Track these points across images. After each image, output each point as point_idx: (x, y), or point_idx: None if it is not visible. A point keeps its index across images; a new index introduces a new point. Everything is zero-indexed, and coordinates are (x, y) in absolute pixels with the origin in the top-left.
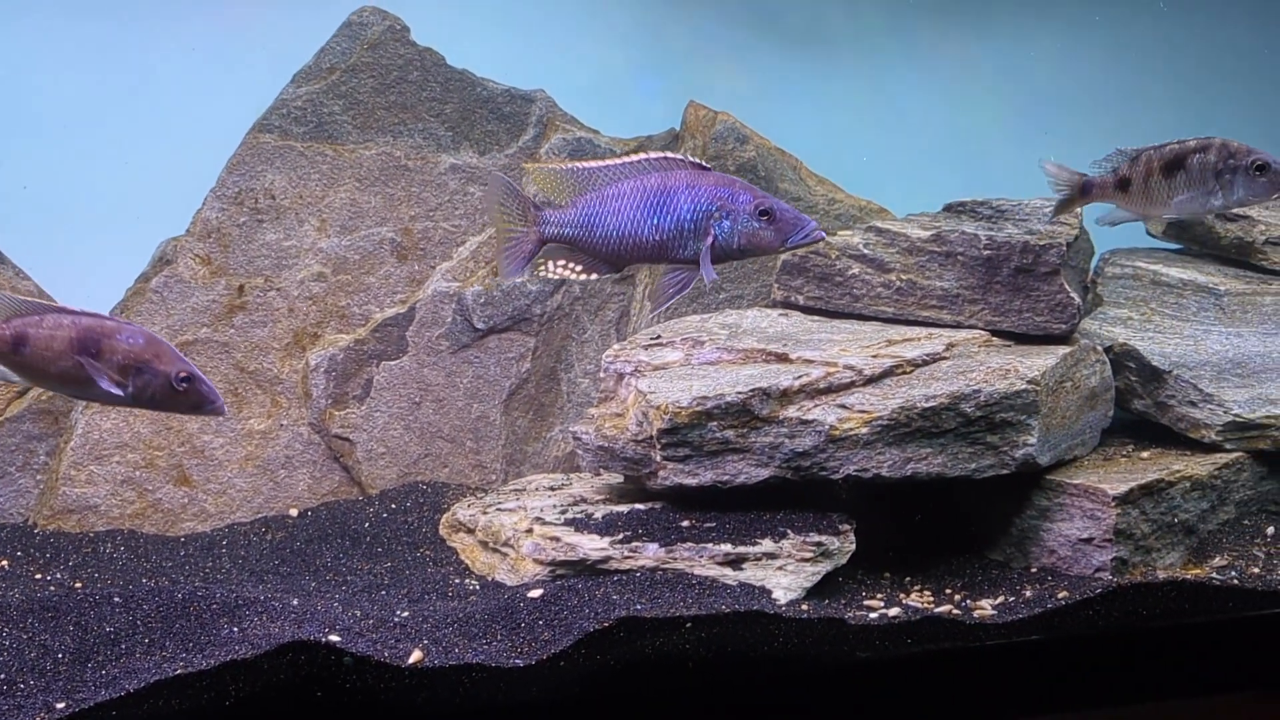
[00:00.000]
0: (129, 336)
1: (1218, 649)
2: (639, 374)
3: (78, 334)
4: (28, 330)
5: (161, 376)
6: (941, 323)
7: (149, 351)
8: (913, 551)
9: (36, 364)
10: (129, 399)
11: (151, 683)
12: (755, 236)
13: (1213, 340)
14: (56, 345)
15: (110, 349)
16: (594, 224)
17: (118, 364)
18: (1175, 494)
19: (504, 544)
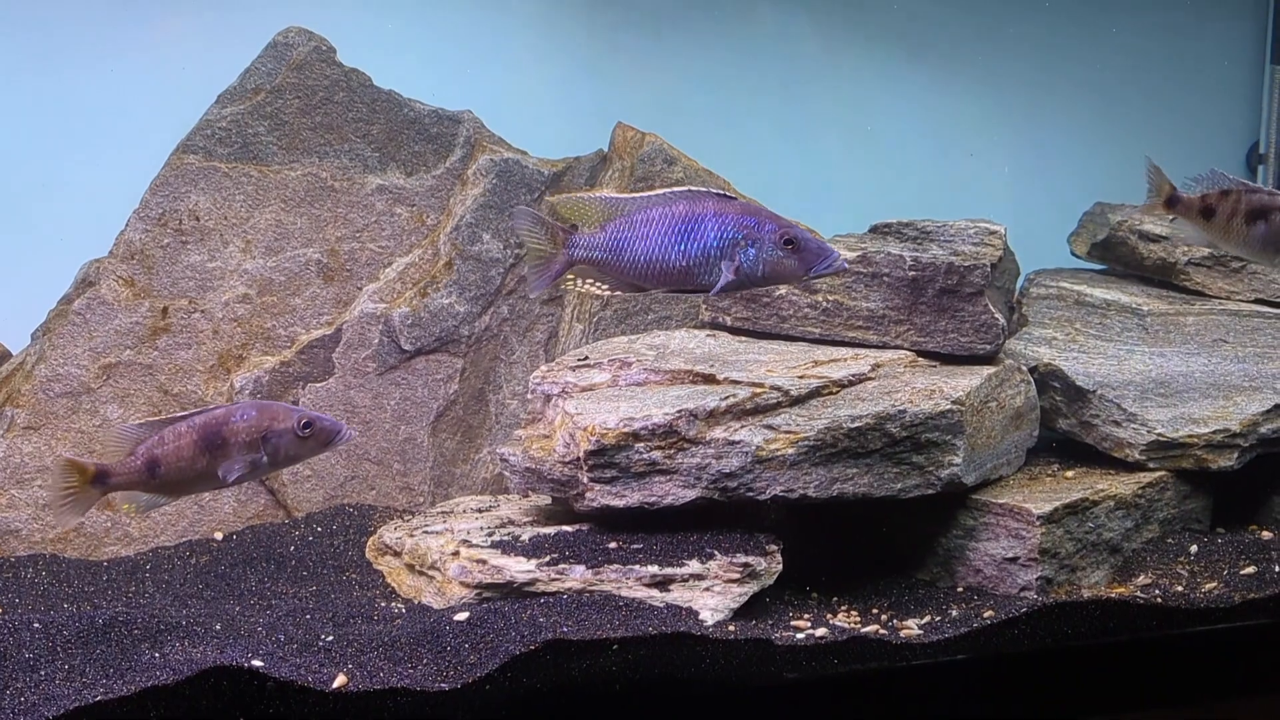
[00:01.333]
0: (242, 415)
1: (1142, 667)
2: (566, 395)
3: (199, 436)
4: (155, 453)
5: (286, 435)
6: (868, 343)
7: (264, 419)
8: (840, 572)
9: (173, 479)
10: (269, 467)
11: (70, 709)
12: (779, 265)
13: (1136, 360)
14: (185, 455)
15: (233, 434)
16: (622, 248)
17: (244, 444)
18: (1099, 513)
19: (430, 567)
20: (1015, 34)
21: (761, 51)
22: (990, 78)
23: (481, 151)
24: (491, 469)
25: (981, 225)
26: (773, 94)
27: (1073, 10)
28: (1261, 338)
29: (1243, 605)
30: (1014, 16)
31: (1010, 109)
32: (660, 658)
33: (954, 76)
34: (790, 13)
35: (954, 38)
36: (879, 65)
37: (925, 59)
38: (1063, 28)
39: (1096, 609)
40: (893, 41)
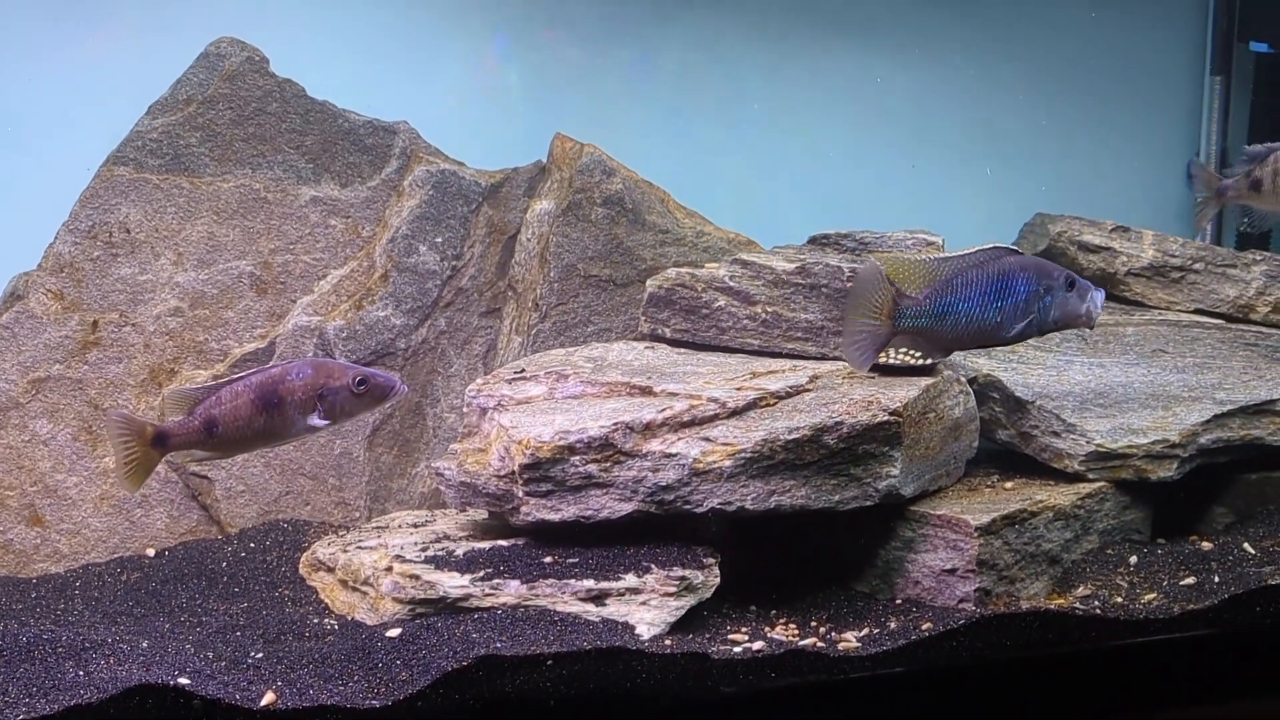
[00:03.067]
0: (298, 373)
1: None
2: (502, 408)
3: (256, 395)
4: (212, 412)
5: (343, 392)
6: (806, 355)
7: (320, 377)
8: (779, 584)
9: (232, 437)
10: (326, 425)
11: None
12: (1067, 306)
13: (1075, 371)
14: (243, 414)
15: (289, 392)
16: (946, 312)
17: (301, 401)
18: (1038, 524)
19: (364, 583)
20: (957, 45)
21: (701, 61)
22: (932, 89)
23: (417, 162)
24: (429, 483)
25: (919, 235)
26: (712, 104)
27: (1014, 22)
28: (1201, 348)
29: (1182, 616)
30: (955, 28)
31: (951, 120)
32: (595, 673)
33: (895, 87)
34: (729, 23)
35: (895, 50)
36: (819, 76)
37: (867, 71)
38: (1005, 39)
39: (1035, 620)
40: (834, 53)
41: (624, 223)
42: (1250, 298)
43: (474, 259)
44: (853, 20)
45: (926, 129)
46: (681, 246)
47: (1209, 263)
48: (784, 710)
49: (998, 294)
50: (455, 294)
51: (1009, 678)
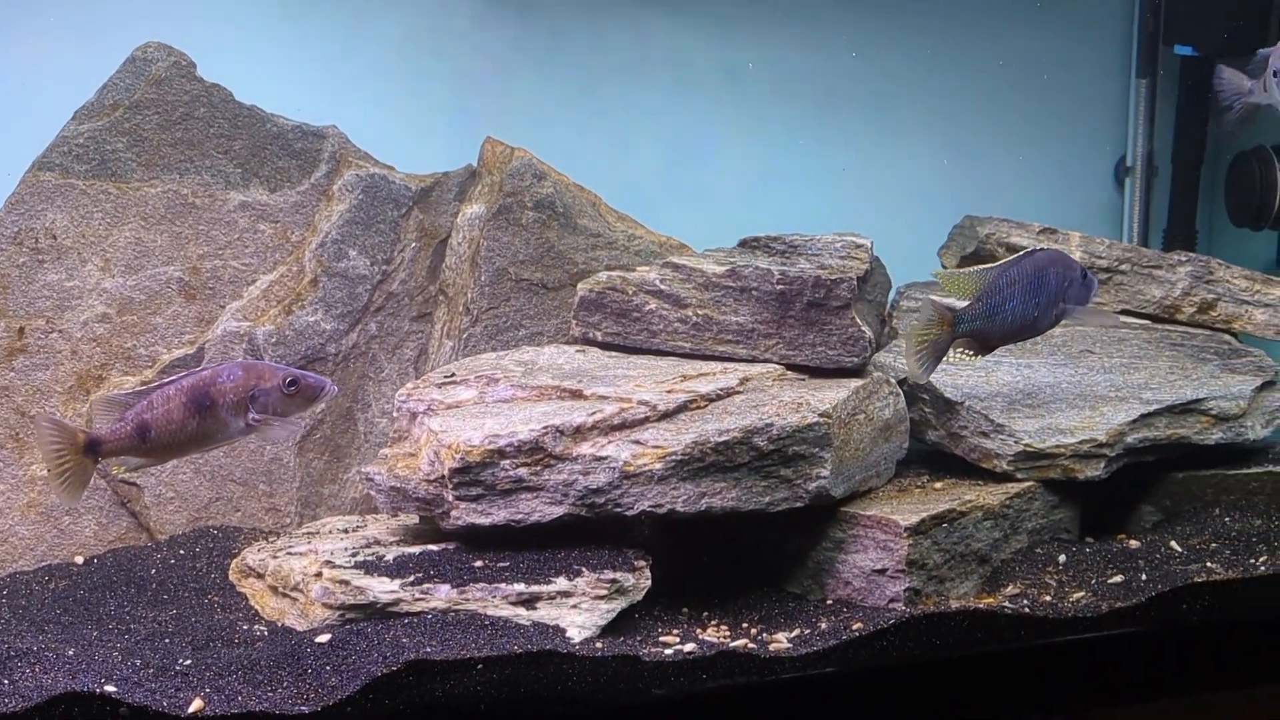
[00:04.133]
0: (229, 375)
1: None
2: (432, 413)
3: (188, 398)
4: (144, 417)
5: (274, 393)
6: (737, 357)
7: (250, 378)
8: (711, 586)
9: (165, 442)
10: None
11: None
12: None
13: (1003, 371)
14: (175, 417)
15: (220, 394)
16: (995, 313)
17: (233, 404)
18: (967, 523)
19: (294, 588)
20: (886, 49)
21: (633, 65)
22: (863, 94)
23: (347, 167)
24: (360, 489)
25: (848, 239)
26: (644, 108)
27: (943, 26)
28: (1127, 348)
29: (1110, 614)
30: (884, 33)
31: (882, 124)
32: (526, 677)
33: (827, 92)
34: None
35: (827, 55)
36: (751, 80)
37: (799, 76)
38: (933, 43)
39: (964, 619)
40: (767, 58)
41: (555, 226)
42: (1176, 298)
43: (404, 263)
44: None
45: (856, 133)
46: (613, 250)
47: (1135, 264)
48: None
49: (1035, 289)
50: (386, 298)
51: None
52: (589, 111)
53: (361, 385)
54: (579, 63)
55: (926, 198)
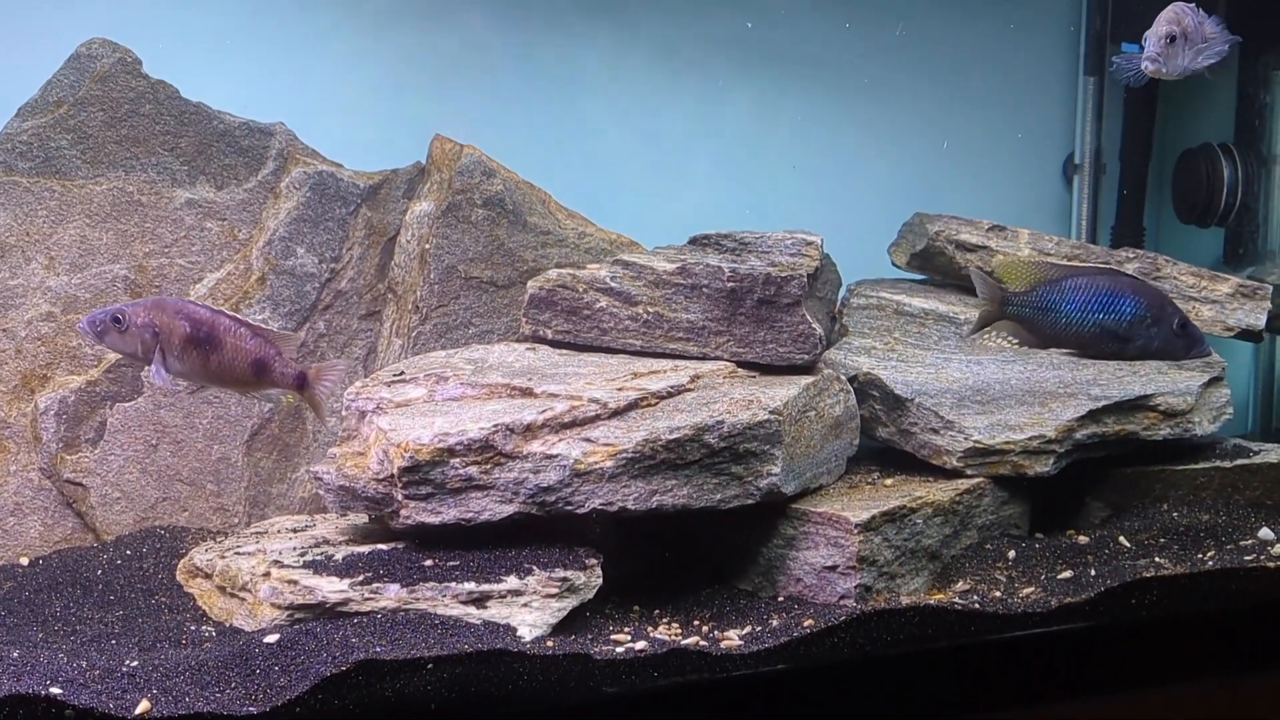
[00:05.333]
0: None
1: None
2: (381, 411)
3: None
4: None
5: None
6: (688, 355)
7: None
8: (662, 584)
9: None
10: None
11: None
12: (1170, 345)
13: (953, 368)
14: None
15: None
16: (1049, 308)
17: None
18: (918, 520)
19: (242, 588)
20: (835, 46)
21: (584, 62)
22: (813, 91)
23: (295, 164)
24: (309, 488)
25: (798, 236)
26: (595, 105)
27: (892, 24)
28: None
29: (1060, 609)
30: (834, 29)
31: (832, 121)
32: (476, 676)
33: (778, 90)
34: (612, 24)
35: (777, 51)
36: (704, 78)
37: (748, 73)
38: (883, 41)
39: (915, 616)
40: (717, 54)
41: (505, 224)
42: None
43: (353, 261)
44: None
45: (806, 130)
46: (564, 247)
47: (1083, 261)
48: (667, 709)
49: (1101, 307)
50: (334, 297)
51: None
52: (539, 109)
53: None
54: (529, 59)
55: (877, 195)
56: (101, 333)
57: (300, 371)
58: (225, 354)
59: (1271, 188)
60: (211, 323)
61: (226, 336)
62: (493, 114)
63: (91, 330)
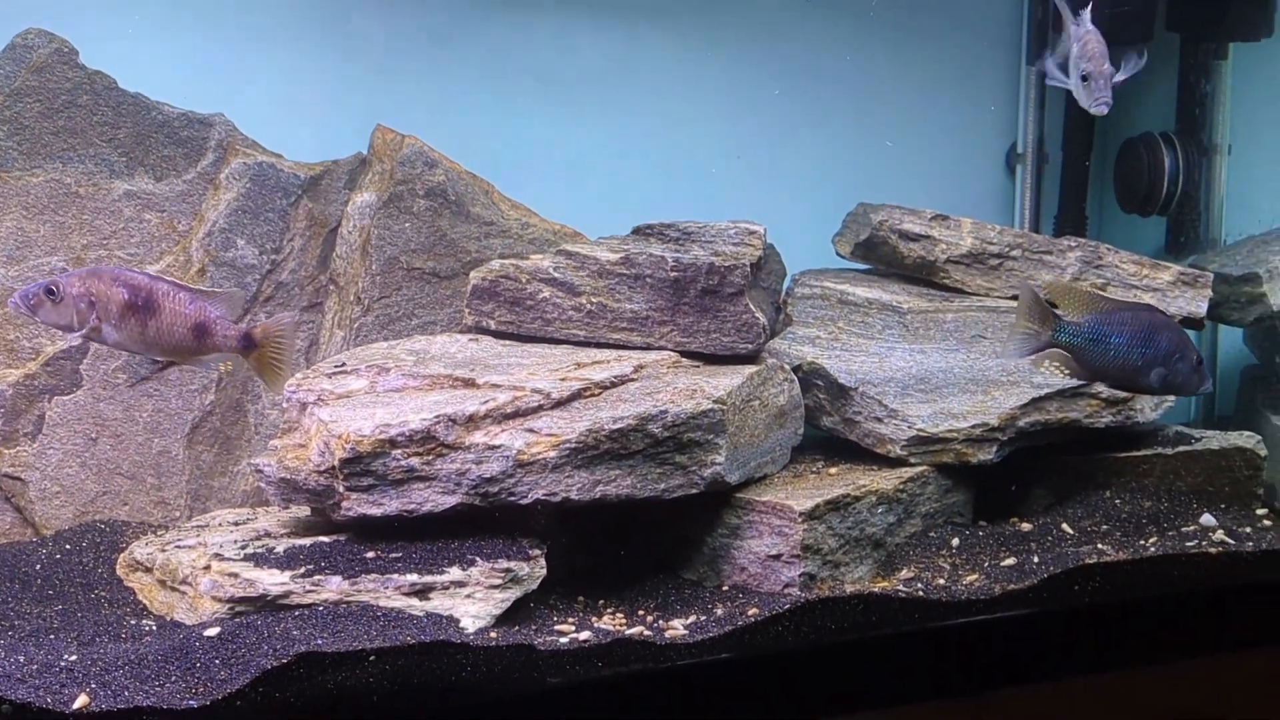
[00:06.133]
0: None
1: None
2: (322, 403)
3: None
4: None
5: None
6: (632, 345)
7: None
8: (607, 574)
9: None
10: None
11: None
12: (1189, 380)
13: (897, 357)
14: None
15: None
16: (1098, 339)
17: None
18: (862, 508)
19: (182, 582)
20: (779, 37)
21: (527, 52)
22: (757, 81)
23: (234, 155)
24: (251, 481)
25: (742, 225)
26: (540, 96)
27: (836, 13)
28: None
29: (1003, 596)
30: (776, 19)
31: (776, 111)
32: (419, 667)
33: (722, 79)
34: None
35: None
36: (645, 66)
37: (692, 62)
38: (827, 30)
39: (859, 604)
40: (659, 43)
41: (447, 214)
42: None
43: (294, 253)
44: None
45: (751, 119)
46: (507, 238)
47: (1026, 249)
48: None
49: (1145, 341)
50: (275, 288)
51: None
52: (482, 98)
53: (251, 377)
54: (471, 49)
55: (821, 185)
56: (35, 306)
57: (245, 332)
58: (164, 319)
59: (1212, 176)
60: (149, 289)
61: (165, 301)
62: (435, 104)
63: (24, 304)
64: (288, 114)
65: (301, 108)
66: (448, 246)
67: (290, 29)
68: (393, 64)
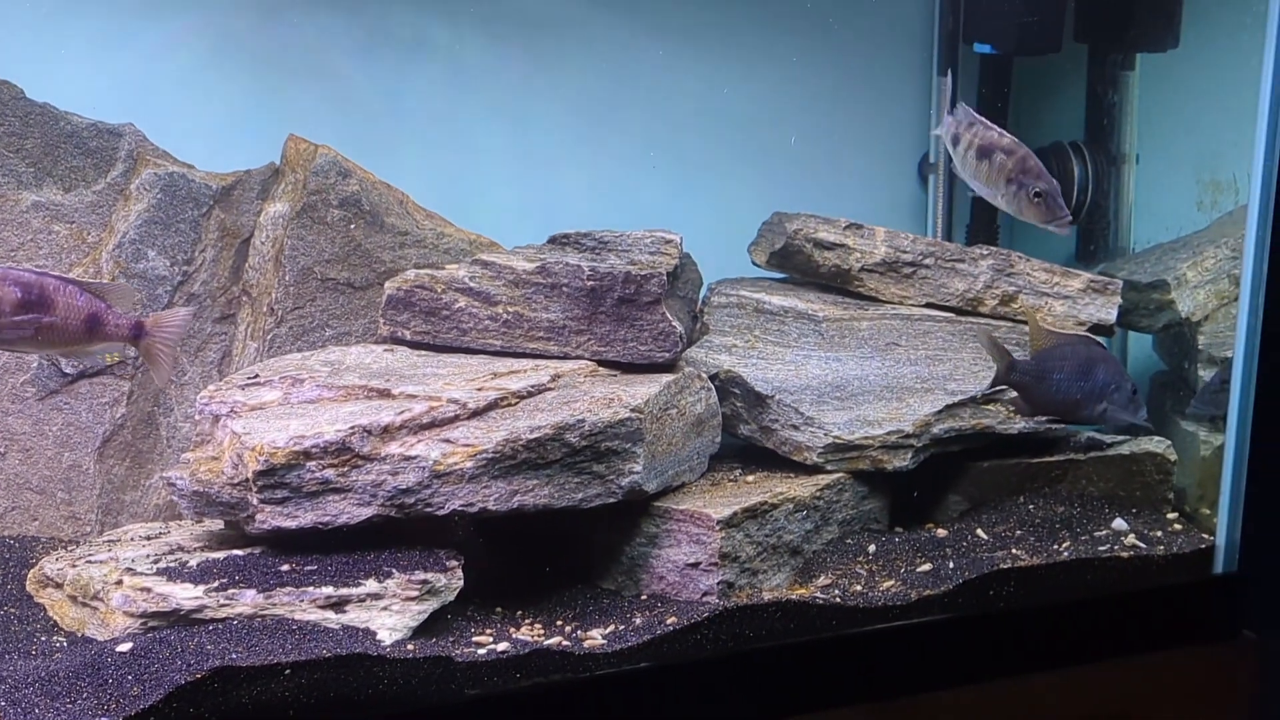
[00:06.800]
0: None
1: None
2: (235, 415)
3: None
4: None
5: None
6: (549, 354)
7: None
8: (526, 585)
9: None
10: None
11: None
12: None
13: (813, 365)
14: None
15: None
16: (1043, 375)
17: None
18: (779, 515)
19: (94, 597)
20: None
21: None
22: (672, 91)
23: (145, 165)
24: (164, 495)
25: (658, 234)
26: (455, 104)
27: (748, 24)
28: (933, 340)
29: (919, 602)
30: (691, 31)
31: (692, 122)
32: (335, 680)
33: (638, 90)
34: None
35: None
36: (556, 78)
37: (606, 74)
38: (739, 40)
39: (777, 611)
40: (570, 54)
41: (362, 225)
42: (979, 291)
43: (206, 264)
44: (591, 20)
45: (666, 131)
46: (422, 248)
47: (939, 258)
48: (530, 710)
49: (1083, 375)
50: (187, 300)
51: (754, 669)
52: (397, 108)
53: (163, 389)
54: (387, 58)
55: (737, 194)
56: None
57: (136, 321)
58: (58, 314)
59: (1121, 185)
60: (40, 284)
61: (57, 296)
62: (349, 114)
63: None
64: (199, 124)
65: (213, 117)
66: (362, 257)
67: (203, 37)
68: (306, 73)
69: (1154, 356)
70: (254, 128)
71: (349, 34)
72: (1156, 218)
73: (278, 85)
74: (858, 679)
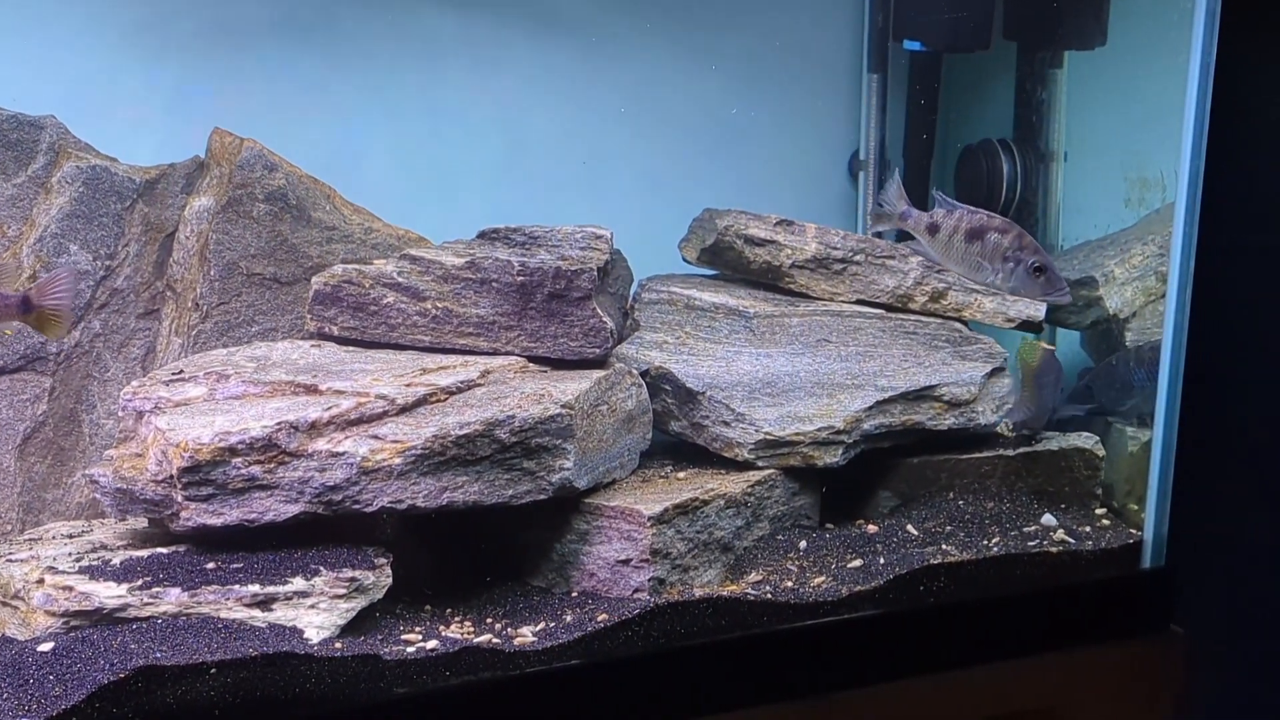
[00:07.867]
0: None
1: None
2: (159, 411)
3: None
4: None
5: None
6: (479, 350)
7: None
8: (456, 583)
9: None
10: None
11: None
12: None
13: (744, 361)
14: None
15: None
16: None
17: None
18: (710, 512)
19: (14, 597)
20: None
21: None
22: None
23: (66, 158)
24: (87, 493)
25: (588, 230)
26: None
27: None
28: (863, 337)
29: (850, 598)
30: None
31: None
32: (262, 679)
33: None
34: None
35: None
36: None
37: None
38: (671, 36)
39: (708, 607)
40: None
41: (288, 219)
42: (909, 288)
43: (130, 258)
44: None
45: (597, 125)
46: (350, 243)
47: (869, 255)
48: (459, 708)
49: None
50: (110, 295)
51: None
52: (324, 102)
53: (86, 385)
54: (315, 51)
55: (667, 191)
56: None
57: (22, 295)
58: None
59: (1049, 183)
60: None
61: None
62: (275, 107)
63: None
64: (121, 117)
65: (137, 110)
66: (289, 252)
67: (125, 29)
68: (231, 66)
69: (1082, 353)
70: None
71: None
72: (1085, 215)
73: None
74: (789, 675)
